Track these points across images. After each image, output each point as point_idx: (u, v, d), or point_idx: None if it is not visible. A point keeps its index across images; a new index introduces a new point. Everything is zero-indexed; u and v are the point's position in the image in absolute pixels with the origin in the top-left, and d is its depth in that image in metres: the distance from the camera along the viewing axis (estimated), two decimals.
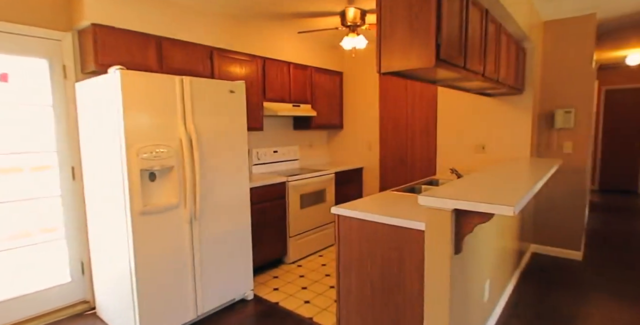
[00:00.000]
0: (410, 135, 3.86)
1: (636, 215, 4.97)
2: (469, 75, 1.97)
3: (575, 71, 3.28)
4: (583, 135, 3.27)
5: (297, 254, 3.35)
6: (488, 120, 3.34)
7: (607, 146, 6.53)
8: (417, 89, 3.75)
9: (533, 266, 3.24)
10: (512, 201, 1.40)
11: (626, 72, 6.25)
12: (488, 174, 2.13)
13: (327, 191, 3.66)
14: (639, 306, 2.51)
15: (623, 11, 3.18)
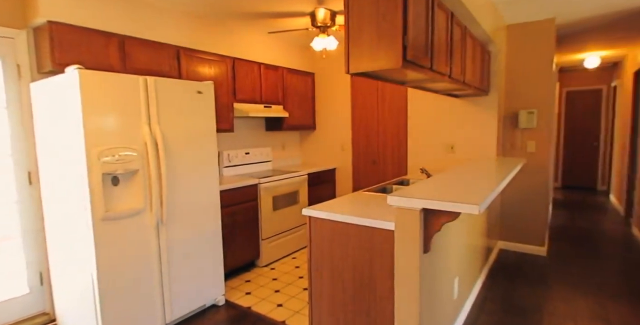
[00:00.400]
0: (382, 136, 3.90)
1: (596, 211, 5.25)
2: (436, 76, 2.01)
3: (537, 73, 3.42)
4: (545, 135, 3.42)
5: (270, 256, 3.31)
6: (456, 121, 3.43)
7: (568, 145, 6.86)
8: (388, 90, 3.80)
9: (500, 262, 3.35)
10: (477, 200, 1.43)
11: (585, 75, 6.60)
12: (455, 174, 2.18)
13: (300, 192, 3.64)
14: (599, 298, 2.65)
15: (580, 16, 3.35)
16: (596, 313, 2.43)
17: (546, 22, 3.35)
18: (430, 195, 1.56)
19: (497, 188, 1.70)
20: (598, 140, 6.60)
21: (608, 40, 4.38)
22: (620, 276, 2.99)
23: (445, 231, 1.98)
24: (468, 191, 1.63)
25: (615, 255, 3.47)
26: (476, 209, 1.39)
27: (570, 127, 6.83)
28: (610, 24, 3.65)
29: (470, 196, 1.51)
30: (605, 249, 3.64)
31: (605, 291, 2.73)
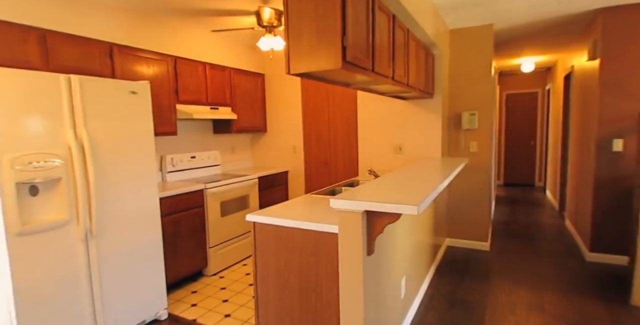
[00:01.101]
0: (333, 138, 3.90)
1: (534, 206, 5.63)
2: (379, 78, 2.02)
3: (478, 76, 3.59)
4: (486, 135, 3.59)
5: (219, 264, 3.17)
6: (404, 123, 3.50)
7: (509, 145, 7.33)
8: (338, 91, 3.81)
9: (448, 259, 3.47)
10: (416, 201, 1.44)
11: (522, 78, 7.09)
12: (400, 175, 2.20)
13: (251, 197, 3.53)
14: (536, 288, 2.81)
15: (515, 23, 3.56)
16: (533, 303, 2.58)
17: (485, 28, 3.53)
18: (372, 197, 1.55)
19: (436, 189, 1.73)
20: (535, 140, 7.11)
21: (541, 47, 4.71)
22: (554, 267, 3.21)
23: (390, 232, 1.98)
24: (409, 192, 1.64)
25: (551, 246, 3.73)
26: (415, 210, 1.39)
27: (510, 127, 7.30)
28: (542, 31, 3.92)
29: (410, 197, 1.52)
30: (542, 242, 3.90)
31: (541, 281, 2.91)
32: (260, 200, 3.68)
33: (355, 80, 2.08)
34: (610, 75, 3.08)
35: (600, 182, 3.18)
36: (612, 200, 3.15)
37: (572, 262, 3.29)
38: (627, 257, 3.15)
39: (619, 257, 3.16)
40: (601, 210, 3.21)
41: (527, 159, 7.21)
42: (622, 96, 3.05)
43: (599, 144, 3.16)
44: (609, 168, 3.14)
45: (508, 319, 2.40)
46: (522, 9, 3.12)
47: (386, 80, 2.14)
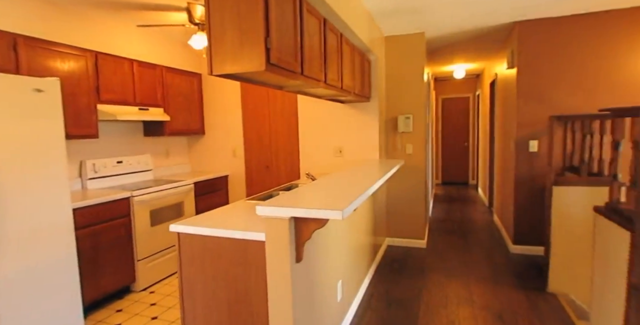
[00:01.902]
0: (274, 140, 3.83)
1: (467, 203, 6.01)
2: (310, 82, 2.00)
3: (411, 82, 3.74)
4: (420, 137, 3.75)
5: (149, 278, 2.94)
6: (344, 126, 3.54)
7: (445, 146, 7.78)
8: (278, 93, 3.75)
9: (388, 258, 3.56)
10: (341, 206, 1.43)
11: (456, 84, 7.57)
12: (334, 178, 2.20)
13: (186, 204, 3.34)
14: (466, 282, 2.97)
15: (445, 32, 3.77)
16: (464, 297, 2.72)
17: (417, 36, 3.69)
18: (298, 203, 1.51)
19: (365, 193, 1.74)
20: (468, 141, 7.62)
21: (470, 55, 5.05)
22: (483, 260, 3.43)
23: (322, 236, 1.97)
24: (337, 197, 1.63)
25: (480, 241, 3.99)
26: (339, 215, 1.38)
27: (446, 130, 7.75)
28: (469, 41, 4.19)
29: (337, 202, 1.50)
30: (473, 237, 4.15)
31: (471, 275, 3.09)
32: (197, 207, 3.50)
33: (285, 83, 2.04)
34: (525, 82, 3.37)
35: (520, 180, 3.47)
36: (530, 196, 3.45)
37: (498, 255, 3.54)
38: (543, 247, 3.46)
39: (538, 248, 3.46)
40: (521, 205, 3.49)
41: (461, 159, 7.70)
42: (535, 102, 3.35)
43: (518, 145, 3.44)
44: (526, 167, 3.44)
45: (440, 313, 2.50)
46: (449, 19, 3.30)
47: (318, 84, 2.13)
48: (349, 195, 1.63)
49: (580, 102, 3.22)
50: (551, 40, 3.26)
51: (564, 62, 3.24)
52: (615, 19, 3.08)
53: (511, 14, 3.19)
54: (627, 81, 3.10)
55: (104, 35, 2.96)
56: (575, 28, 3.19)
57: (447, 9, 3.03)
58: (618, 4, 2.95)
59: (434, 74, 6.79)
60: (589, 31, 3.15)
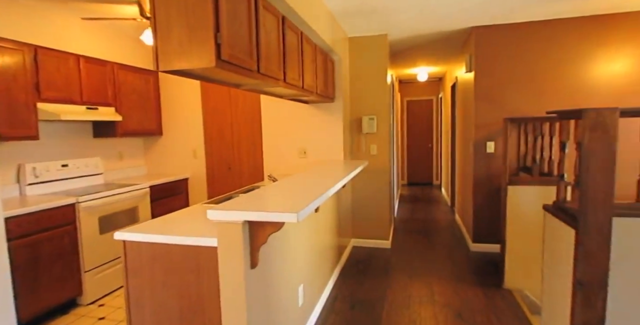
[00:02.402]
0: (236, 141, 3.72)
1: (431, 203, 6.15)
2: (268, 80, 1.93)
3: (375, 83, 3.77)
4: (384, 138, 3.78)
5: (98, 291, 2.74)
6: (308, 126, 3.50)
7: (410, 147, 7.94)
8: (240, 93, 3.65)
9: (353, 259, 3.55)
10: (296, 208, 1.37)
11: (420, 87, 7.75)
12: (295, 180, 2.14)
13: (141, 209, 3.16)
14: (428, 282, 3.00)
15: (407, 34, 3.82)
16: (426, 296, 2.75)
17: (380, 38, 3.72)
18: (252, 206, 1.44)
19: (324, 194, 1.70)
20: (432, 143, 7.82)
21: (432, 58, 5.17)
22: (445, 258, 3.49)
23: (281, 240, 1.90)
24: (294, 199, 1.57)
25: (443, 240, 4.08)
26: (294, 218, 1.33)
27: (411, 131, 7.92)
28: (431, 44, 4.29)
29: (293, 204, 1.45)
30: (435, 236, 4.24)
31: (433, 275, 3.13)
32: (154, 212, 3.32)
33: (242, 81, 1.97)
34: (482, 86, 3.48)
35: (478, 180, 3.57)
36: (488, 196, 3.56)
37: (459, 253, 3.62)
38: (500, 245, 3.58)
39: (495, 246, 3.58)
40: (479, 205, 3.60)
41: (426, 161, 7.90)
42: (491, 104, 3.47)
43: (476, 146, 3.55)
44: (484, 167, 3.55)
45: (403, 314, 2.51)
46: (409, 22, 3.35)
47: (277, 83, 2.06)
48: (306, 198, 1.58)
49: (532, 105, 3.37)
50: (506, 46, 3.40)
51: (518, 67, 3.38)
52: (565, 27, 3.25)
53: (468, 19, 3.29)
54: (575, 86, 3.28)
55: (45, 28, 2.74)
56: (528, 34, 3.34)
57: (406, 12, 3.07)
58: (567, 13, 3.12)
59: (399, 76, 6.91)
60: (541, 38, 3.31)
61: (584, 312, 1.59)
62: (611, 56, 3.19)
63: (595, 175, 1.46)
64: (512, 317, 2.44)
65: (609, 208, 1.47)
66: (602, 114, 1.44)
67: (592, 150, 1.46)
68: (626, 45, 3.15)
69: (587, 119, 1.45)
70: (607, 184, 1.46)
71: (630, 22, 3.11)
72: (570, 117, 1.68)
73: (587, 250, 1.53)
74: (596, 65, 3.22)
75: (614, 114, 1.43)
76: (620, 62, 3.17)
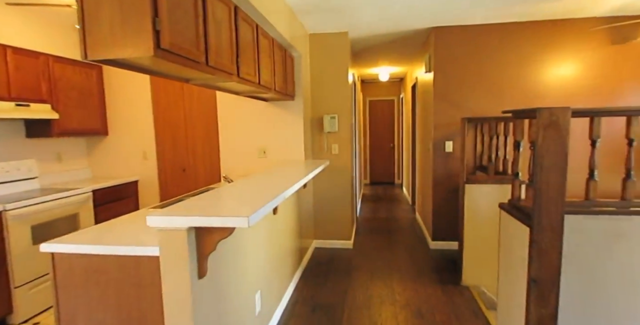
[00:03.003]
0: (191, 141, 3.52)
1: (393, 202, 6.22)
2: (220, 74, 1.80)
3: (336, 82, 3.71)
4: (346, 138, 3.74)
5: (32, 308, 2.44)
6: (268, 125, 3.37)
7: (373, 147, 8.02)
8: (194, 89, 3.45)
9: (314, 261, 3.47)
10: (247, 212, 1.26)
11: (382, 87, 7.84)
12: (250, 181, 2.02)
13: (82, 216, 2.88)
14: (389, 282, 2.99)
15: (368, 33, 3.80)
16: (387, 296, 2.72)
17: (341, 35, 3.67)
18: (199, 211, 1.31)
19: (280, 195, 1.59)
20: (394, 142, 7.94)
21: (393, 58, 5.22)
22: (405, 257, 3.51)
23: (235, 244, 1.78)
24: (247, 201, 1.46)
25: (404, 239, 4.11)
26: (245, 223, 1.22)
27: (373, 131, 7.99)
28: (392, 43, 4.31)
29: (244, 208, 1.34)
30: (397, 235, 4.26)
31: (394, 274, 3.13)
32: (98, 218, 3.04)
33: (190, 74, 1.82)
34: (440, 86, 3.53)
35: (437, 179, 3.63)
36: (446, 194, 3.62)
37: (419, 252, 3.65)
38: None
39: (453, 243, 3.64)
40: (438, 203, 3.66)
41: (388, 160, 8.00)
42: (450, 105, 3.53)
43: (435, 145, 3.60)
44: (443, 167, 3.60)
45: (363, 315, 2.46)
46: (369, 20, 3.32)
47: (230, 78, 1.94)
48: (260, 200, 1.47)
49: (488, 105, 3.47)
50: (464, 47, 3.47)
51: (475, 68, 3.47)
52: (519, 31, 3.37)
53: (427, 20, 3.32)
54: (528, 87, 3.41)
55: None
56: (485, 36, 3.42)
57: (366, 10, 3.04)
58: (522, 16, 3.23)
59: (361, 76, 6.94)
60: (497, 40, 3.41)
61: (538, 308, 1.61)
62: (560, 60, 3.35)
63: (549, 173, 1.48)
64: (469, 314, 2.47)
65: (561, 205, 1.50)
66: (555, 113, 1.45)
67: (546, 149, 1.48)
68: (572, 50, 3.32)
69: (541, 118, 1.47)
70: (559, 181, 1.48)
71: (576, 29, 3.28)
72: (525, 117, 1.70)
73: (540, 248, 1.55)
74: (547, 68, 3.37)
75: (566, 113, 1.45)
76: (568, 66, 3.34)
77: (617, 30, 3.20)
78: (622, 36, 3.21)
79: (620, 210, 1.66)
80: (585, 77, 3.32)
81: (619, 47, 3.24)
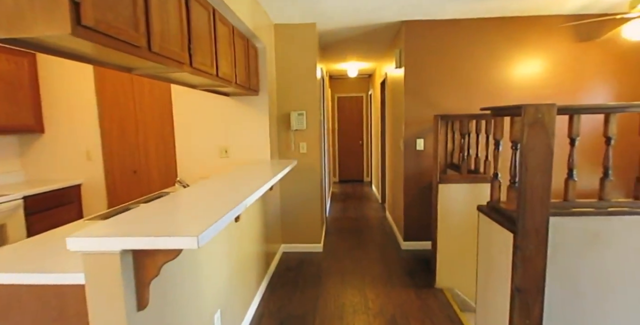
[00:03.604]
0: (142, 139, 3.17)
1: (363, 200, 6.12)
2: (167, 63, 1.53)
3: (304, 76, 3.50)
4: (315, 136, 3.54)
5: None
6: (230, 122, 3.11)
7: (342, 144, 7.89)
8: (146, 81, 3.11)
9: (282, 267, 3.26)
10: (196, 230, 1.03)
11: (350, 83, 7.71)
12: (206, 186, 1.78)
13: (10, 227, 2.48)
14: (361, 287, 2.84)
15: (335, 25, 3.61)
16: (359, 304, 2.57)
17: (309, 27, 3.45)
18: (137, 229, 1.07)
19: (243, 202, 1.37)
20: (363, 140, 7.85)
21: (362, 53, 5.08)
22: (376, 260, 3.38)
23: (188, 263, 1.53)
24: (201, 213, 1.23)
25: (375, 239, 3.99)
26: (193, 243, 0.99)
27: (342, 128, 7.86)
28: (361, 37, 4.15)
29: (194, 224, 1.11)
30: (367, 235, 4.14)
31: (366, 278, 2.98)
32: (32, 229, 2.64)
33: (130, 62, 1.54)
34: (412, 82, 3.42)
35: (408, 177, 3.52)
36: (418, 193, 3.53)
37: (391, 253, 3.54)
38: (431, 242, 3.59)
39: (425, 243, 3.56)
40: (410, 203, 3.56)
41: (357, 157, 7.91)
42: (421, 101, 3.43)
43: (406, 143, 3.49)
44: (414, 165, 3.51)
45: None
46: (339, 11, 3.14)
47: (181, 67, 1.67)
48: (214, 212, 1.24)
49: (459, 102, 3.40)
50: (436, 42, 3.37)
51: (447, 64, 3.38)
52: (492, 27, 3.31)
53: (397, 13, 3.18)
54: (497, 84, 3.37)
55: None
56: (456, 32, 3.34)
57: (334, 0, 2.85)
58: (495, 12, 3.17)
59: (329, 71, 6.76)
60: (469, 36, 3.33)
61: (522, 319, 1.50)
62: (529, 56, 3.33)
63: (534, 174, 1.36)
64: (443, 317, 2.38)
65: (546, 208, 1.39)
66: (541, 110, 1.34)
67: (531, 148, 1.36)
68: (540, 46, 3.31)
69: (526, 115, 1.34)
70: (545, 183, 1.37)
71: (545, 26, 3.27)
72: (507, 114, 1.58)
73: (525, 255, 1.44)
74: (517, 64, 3.34)
75: (551, 110, 1.34)
76: (536, 62, 3.33)
77: (583, 28, 3.22)
78: (588, 34, 3.24)
79: (598, 211, 1.59)
80: (552, 75, 3.33)
81: (585, 45, 3.27)
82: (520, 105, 1.36)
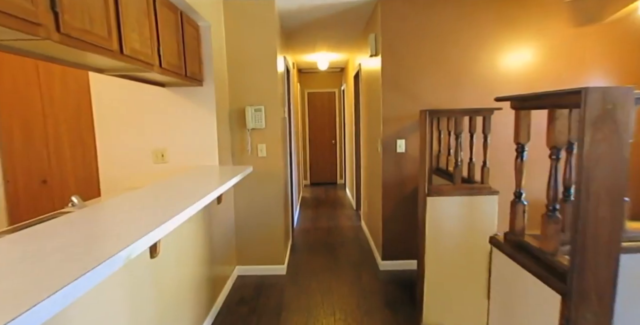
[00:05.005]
0: (53, 140, 2.48)
1: (335, 206, 5.58)
2: (36, 30, 0.91)
3: (262, 65, 2.90)
4: (275, 136, 2.95)
5: None
6: (167, 119, 2.48)
7: (313, 144, 7.32)
8: (56, 69, 2.42)
9: (234, 297, 2.65)
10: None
11: (321, 78, 7.15)
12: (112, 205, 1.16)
13: None
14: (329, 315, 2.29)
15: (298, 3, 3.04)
16: None
17: (266, 4, 2.85)
18: None
19: (151, 234, 0.77)
20: (336, 139, 7.31)
21: (332, 41, 4.53)
22: (351, 286, 2.84)
23: None
24: (61, 268, 0.62)
25: (348, 257, 3.45)
26: None
27: (313, 127, 7.29)
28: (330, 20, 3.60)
29: (57, 280, 0.51)
30: (340, 251, 3.60)
31: (338, 313, 2.43)
32: None
33: None
34: (390, 72, 2.89)
35: (387, 186, 3.00)
36: (399, 204, 3.02)
37: (367, 276, 3.00)
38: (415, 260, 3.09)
39: (408, 262, 3.05)
40: (389, 215, 3.04)
41: (329, 158, 7.37)
42: (401, 94, 2.91)
43: (385, 145, 2.96)
44: (394, 170, 2.99)
45: None
46: None
47: (35, 31, 1.04)
48: (93, 259, 0.64)
49: (446, 95, 2.90)
50: (417, 25, 2.85)
51: (430, 50, 2.87)
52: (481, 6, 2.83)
53: None
54: (490, 72, 2.89)
55: None
56: (441, 12, 2.83)
57: None
58: None
59: (298, 64, 6.18)
60: (456, 17, 2.84)
61: None
62: (523, 40, 2.88)
63: (600, 202, 0.85)
64: None
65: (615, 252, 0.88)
66: (612, 97, 0.82)
67: (596, 159, 0.84)
68: (535, 29, 2.86)
69: (588, 106, 0.82)
70: (615, 216, 0.86)
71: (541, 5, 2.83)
72: (539, 105, 1.06)
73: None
74: (509, 50, 2.88)
75: (628, 96, 0.82)
76: (531, 48, 2.89)
77: (583, 10, 2.80)
78: (587, 17, 2.83)
79: None
80: (547, 62, 2.89)
81: (583, 29, 2.86)
82: (577, 89, 0.84)
